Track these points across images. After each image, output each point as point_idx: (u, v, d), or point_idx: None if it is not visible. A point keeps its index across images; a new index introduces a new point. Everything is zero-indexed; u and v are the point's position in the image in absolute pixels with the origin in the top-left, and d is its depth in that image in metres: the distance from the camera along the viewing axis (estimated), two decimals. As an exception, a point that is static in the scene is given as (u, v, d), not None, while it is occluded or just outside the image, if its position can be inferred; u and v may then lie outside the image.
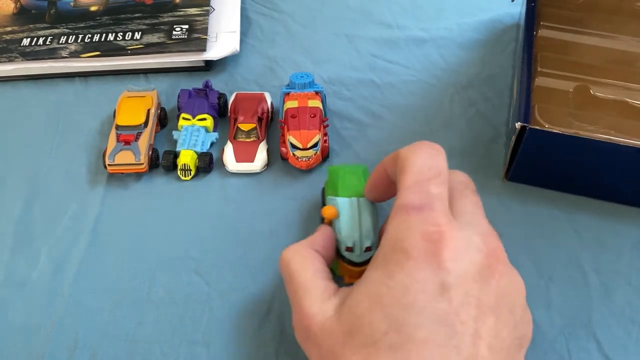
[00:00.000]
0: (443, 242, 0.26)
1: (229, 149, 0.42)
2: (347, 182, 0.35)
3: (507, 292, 0.27)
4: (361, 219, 0.33)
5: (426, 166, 0.29)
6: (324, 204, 0.37)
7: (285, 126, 0.41)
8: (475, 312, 0.26)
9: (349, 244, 0.33)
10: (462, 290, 0.26)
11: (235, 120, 0.43)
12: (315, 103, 0.42)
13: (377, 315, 0.26)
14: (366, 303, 0.26)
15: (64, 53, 0.48)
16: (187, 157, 0.41)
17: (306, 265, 0.30)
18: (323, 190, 0.39)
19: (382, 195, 0.33)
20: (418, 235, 0.26)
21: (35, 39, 0.49)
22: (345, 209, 0.33)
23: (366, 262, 0.33)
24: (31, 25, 0.50)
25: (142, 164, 0.41)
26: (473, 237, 0.27)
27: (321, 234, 0.33)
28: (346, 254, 0.33)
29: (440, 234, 0.26)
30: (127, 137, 0.42)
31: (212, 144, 0.44)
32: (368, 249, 0.33)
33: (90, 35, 0.49)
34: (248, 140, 0.43)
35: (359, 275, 0.32)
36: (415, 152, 0.29)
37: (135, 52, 0.48)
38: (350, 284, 0.31)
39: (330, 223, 0.34)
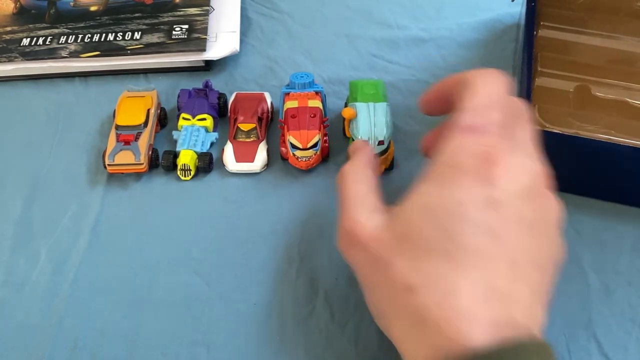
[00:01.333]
0: (495, 162, 0.28)
1: (228, 149, 0.42)
2: (364, 91, 0.42)
3: (548, 214, 0.29)
4: (375, 119, 0.40)
5: (487, 92, 0.30)
6: None
7: (285, 126, 0.41)
8: (518, 227, 0.27)
9: (365, 138, 0.39)
10: (508, 206, 0.27)
11: (235, 120, 0.43)
12: (315, 103, 0.42)
13: (429, 225, 0.27)
14: (418, 214, 0.28)
15: (63, 53, 0.48)
16: (187, 157, 0.41)
17: (362, 181, 0.32)
18: (345, 104, 0.44)
19: (435, 111, 0.34)
20: (472, 154, 0.28)
21: (35, 39, 0.49)
22: (363, 111, 0.40)
23: (379, 155, 0.39)
24: (31, 25, 0.50)
25: (142, 164, 0.41)
26: (523, 160, 0.29)
27: (367, 151, 0.35)
28: None
29: (493, 154, 0.28)
30: (127, 137, 0.42)
31: (212, 144, 0.44)
32: (380, 143, 0.39)
33: (90, 35, 0.49)
34: (248, 140, 0.43)
35: None
36: (480, 77, 0.31)
37: (135, 52, 0.48)
38: None
39: (350, 123, 0.41)
